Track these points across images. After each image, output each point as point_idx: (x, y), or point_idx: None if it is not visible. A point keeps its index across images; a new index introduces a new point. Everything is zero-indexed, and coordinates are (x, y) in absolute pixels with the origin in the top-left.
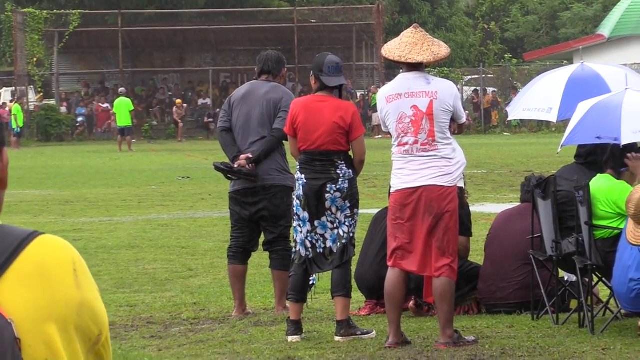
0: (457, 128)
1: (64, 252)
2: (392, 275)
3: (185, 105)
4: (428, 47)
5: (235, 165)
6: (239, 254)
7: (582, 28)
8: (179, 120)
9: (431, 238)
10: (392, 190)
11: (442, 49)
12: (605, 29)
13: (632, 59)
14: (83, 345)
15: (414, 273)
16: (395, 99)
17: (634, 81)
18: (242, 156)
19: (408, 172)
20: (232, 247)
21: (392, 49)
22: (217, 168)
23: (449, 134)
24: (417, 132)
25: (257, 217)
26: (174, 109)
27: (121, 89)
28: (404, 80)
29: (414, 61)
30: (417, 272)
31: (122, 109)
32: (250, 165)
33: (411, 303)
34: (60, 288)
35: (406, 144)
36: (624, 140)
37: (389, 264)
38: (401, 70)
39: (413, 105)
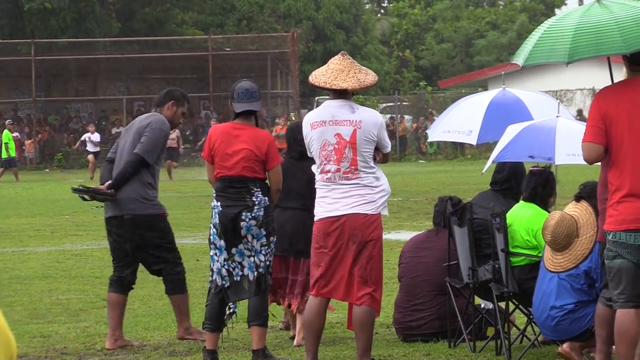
0: (382, 157)
1: None
2: (312, 304)
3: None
4: (354, 75)
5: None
6: (116, 282)
7: (496, 55)
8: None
9: (354, 266)
10: (315, 218)
11: (368, 77)
12: (520, 57)
13: (546, 87)
14: None
15: (338, 300)
16: (319, 126)
17: (557, 110)
18: (106, 184)
19: (330, 200)
20: (112, 275)
21: (319, 75)
22: (74, 190)
23: (372, 163)
24: (339, 160)
25: (128, 248)
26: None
27: (7, 120)
28: (329, 108)
29: (338, 87)
30: (341, 299)
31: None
32: (110, 191)
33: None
34: None
35: (328, 171)
36: (558, 161)
37: (312, 293)
38: (316, 99)
39: (337, 133)
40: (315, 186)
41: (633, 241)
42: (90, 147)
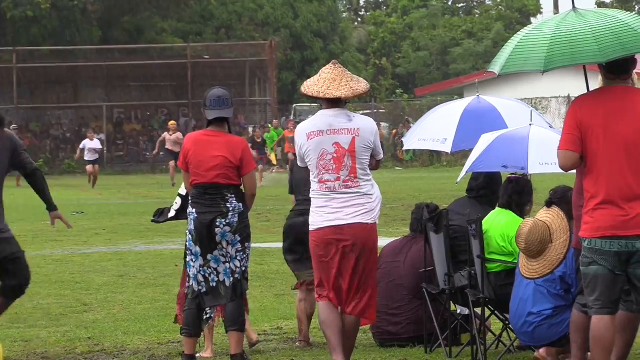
0: (375, 164)
1: None
2: (323, 307)
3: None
4: (347, 83)
5: None
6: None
7: (472, 64)
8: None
9: (353, 275)
10: (313, 228)
11: (361, 85)
12: (496, 65)
13: (521, 94)
14: None
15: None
16: (316, 136)
17: (535, 118)
18: None
19: (331, 209)
20: None
21: (311, 85)
22: None
23: (369, 171)
24: (339, 169)
25: None
26: (166, 135)
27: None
28: (325, 117)
29: (332, 96)
30: (336, 306)
31: None
32: None
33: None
34: None
35: (328, 180)
36: (531, 170)
37: (317, 299)
38: (294, 107)
39: (335, 142)
40: (312, 196)
41: (609, 248)
42: (88, 156)
